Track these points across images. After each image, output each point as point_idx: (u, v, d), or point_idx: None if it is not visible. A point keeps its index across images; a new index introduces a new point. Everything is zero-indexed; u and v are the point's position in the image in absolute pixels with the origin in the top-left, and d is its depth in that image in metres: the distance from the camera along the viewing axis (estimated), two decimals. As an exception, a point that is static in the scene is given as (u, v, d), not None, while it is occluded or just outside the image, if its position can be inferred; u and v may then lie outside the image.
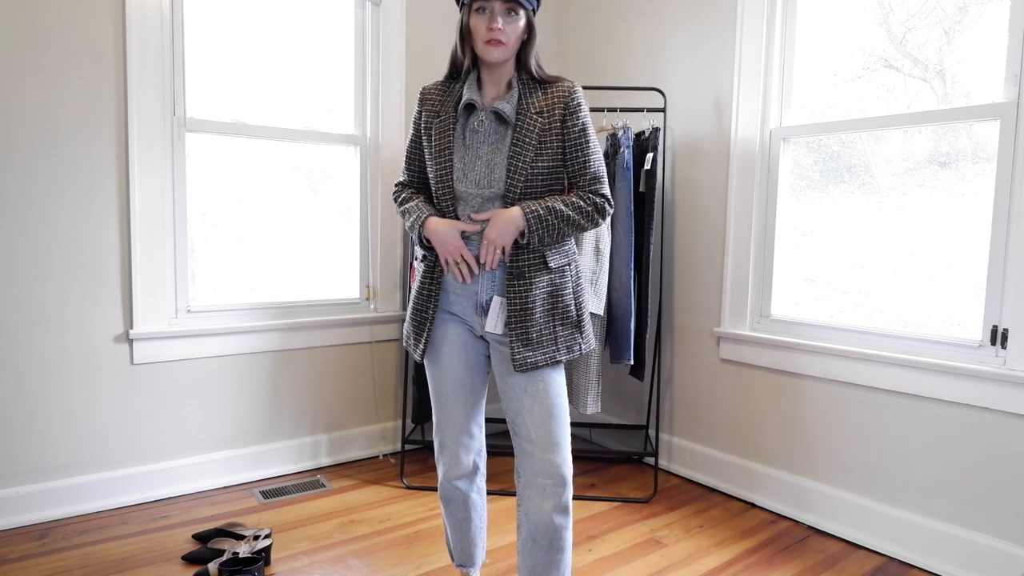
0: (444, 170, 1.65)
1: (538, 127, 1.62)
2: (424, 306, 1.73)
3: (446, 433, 1.80)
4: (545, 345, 1.65)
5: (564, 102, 1.64)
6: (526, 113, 1.64)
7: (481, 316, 1.69)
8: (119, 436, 2.61)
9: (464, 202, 1.65)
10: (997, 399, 2.11)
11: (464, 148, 1.65)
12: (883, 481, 2.39)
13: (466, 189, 1.64)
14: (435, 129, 1.68)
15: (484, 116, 1.65)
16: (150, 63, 2.55)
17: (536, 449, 1.65)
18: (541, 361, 1.64)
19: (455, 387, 1.76)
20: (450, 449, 1.81)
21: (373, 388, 3.23)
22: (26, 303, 2.40)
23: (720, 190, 2.89)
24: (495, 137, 1.64)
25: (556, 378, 1.68)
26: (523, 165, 1.61)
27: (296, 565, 2.22)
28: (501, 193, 1.63)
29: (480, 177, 1.64)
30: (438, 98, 1.71)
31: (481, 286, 1.67)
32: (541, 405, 1.65)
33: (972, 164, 2.25)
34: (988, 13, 2.19)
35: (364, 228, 3.17)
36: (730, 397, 2.88)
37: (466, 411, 1.79)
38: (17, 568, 2.15)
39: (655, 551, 2.36)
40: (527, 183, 1.63)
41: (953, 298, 2.29)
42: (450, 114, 1.67)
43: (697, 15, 2.95)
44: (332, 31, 3.05)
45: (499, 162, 1.63)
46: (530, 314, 1.63)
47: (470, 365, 1.76)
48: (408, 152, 1.80)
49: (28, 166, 2.37)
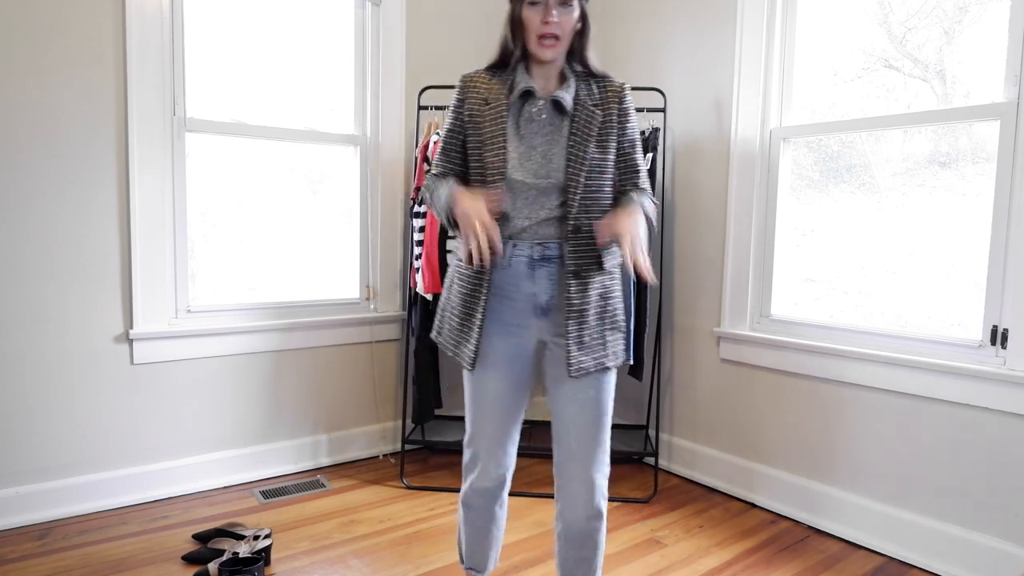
0: (497, 157, 1.56)
1: (596, 120, 1.58)
2: (471, 311, 1.61)
3: (479, 445, 1.72)
4: (595, 350, 1.59)
5: (618, 99, 1.61)
6: (583, 105, 1.58)
7: (540, 318, 1.61)
8: (119, 436, 2.61)
9: (516, 193, 1.57)
10: (997, 399, 2.11)
11: (518, 137, 1.57)
12: (883, 481, 2.39)
13: (522, 179, 1.56)
14: (485, 117, 1.59)
15: (542, 105, 1.58)
16: (150, 63, 2.55)
17: (574, 457, 1.62)
18: (592, 367, 1.58)
19: (495, 404, 1.67)
20: (481, 462, 1.72)
21: (373, 388, 3.23)
22: (26, 303, 2.40)
23: (720, 190, 2.89)
24: (551, 128, 1.58)
25: (606, 387, 1.63)
26: (584, 156, 1.55)
27: (296, 565, 2.22)
28: (560, 184, 1.56)
29: (537, 167, 1.56)
30: (484, 86, 1.62)
31: (539, 287, 1.59)
32: (585, 415, 1.61)
33: (972, 164, 2.25)
34: (988, 13, 2.19)
35: (364, 228, 3.17)
36: (730, 397, 2.88)
37: (504, 428, 1.69)
38: (17, 568, 2.15)
39: (655, 551, 2.36)
40: (588, 175, 1.56)
41: (953, 298, 2.29)
42: (501, 102, 1.58)
43: (697, 15, 2.95)
44: (332, 31, 3.05)
45: (557, 153, 1.56)
46: (585, 316, 1.58)
47: (514, 382, 1.66)
48: (445, 142, 1.67)
49: (28, 166, 2.37)
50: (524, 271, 1.58)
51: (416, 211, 2.88)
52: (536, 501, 2.73)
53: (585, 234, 1.57)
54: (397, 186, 3.19)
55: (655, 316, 3.06)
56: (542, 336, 1.63)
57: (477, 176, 1.60)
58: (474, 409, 1.70)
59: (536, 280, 1.58)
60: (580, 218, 1.57)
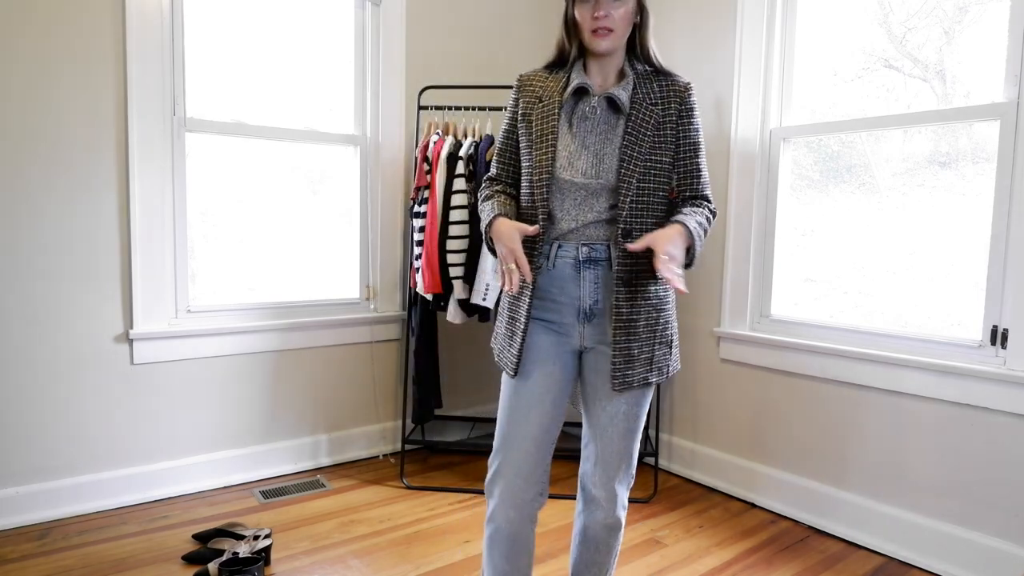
0: (545, 156, 1.50)
1: (654, 119, 1.50)
2: (515, 315, 1.56)
3: (508, 456, 1.55)
4: (642, 364, 1.52)
5: (680, 99, 1.53)
6: (641, 103, 1.51)
7: (584, 324, 1.54)
8: (119, 436, 2.61)
9: (564, 194, 1.50)
10: (997, 399, 2.11)
11: (570, 135, 1.51)
12: (883, 481, 2.39)
13: (571, 178, 1.49)
14: (536, 114, 1.55)
15: (596, 102, 1.51)
16: (150, 63, 2.55)
17: (600, 465, 1.58)
18: (636, 381, 1.51)
19: (533, 403, 1.54)
20: (507, 477, 1.55)
21: (373, 388, 3.23)
22: (26, 303, 2.40)
23: (720, 190, 2.89)
24: (605, 127, 1.51)
25: (643, 401, 1.57)
26: (638, 157, 1.48)
27: (296, 565, 2.22)
28: (611, 186, 1.49)
29: (587, 167, 1.49)
30: (540, 84, 1.58)
31: (584, 291, 1.51)
32: (616, 427, 1.56)
33: (972, 164, 2.25)
34: (988, 13, 2.19)
35: (364, 228, 3.17)
36: (730, 397, 2.88)
37: (540, 435, 1.55)
38: (17, 568, 2.15)
39: (655, 551, 2.36)
40: (641, 178, 1.49)
41: (953, 298, 2.29)
42: (555, 99, 1.53)
43: (697, 15, 2.95)
44: (332, 31, 3.05)
45: (609, 152, 1.49)
46: (634, 328, 1.50)
47: (556, 380, 1.56)
48: (501, 144, 1.65)
49: (28, 166, 2.37)
50: (570, 273, 1.52)
51: (416, 211, 2.88)
52: (536, 501, 2.73)
53: (637, 240, 1.48)
54: (397, 186, 3.19)
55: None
56: (586, 342, 1.56)
57: (527, 175, 1.55)
58: (508, 410, 1.57)
59: (582, 283, 1.52)
60: (632, 222, 1.49)
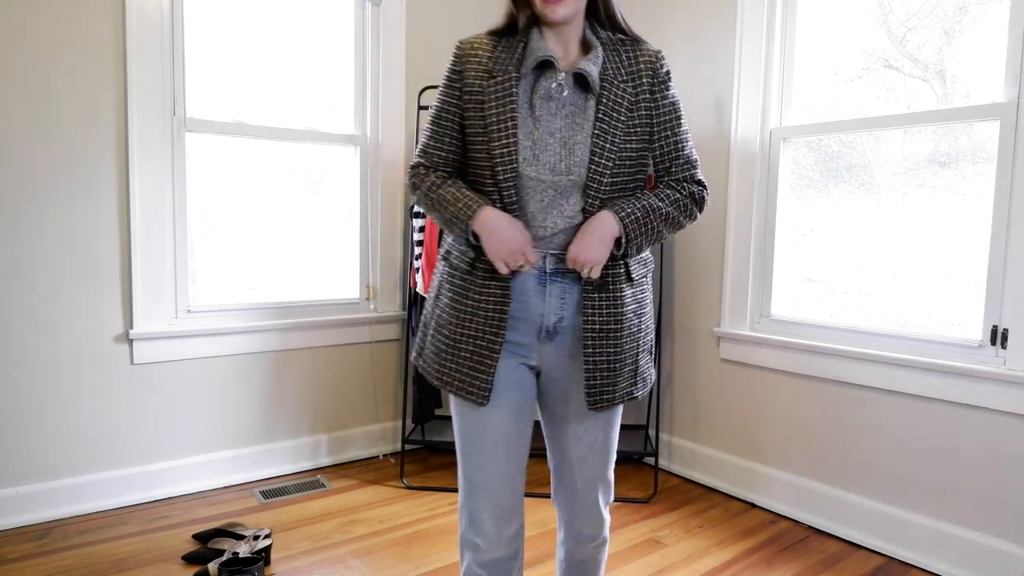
0: (507, 148, 1.24)
1: (627, 99, 1.27)
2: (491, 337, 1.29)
3: (480, 503, 1.35)
4: (625, 377, 1.33)
5: (653, 69, 1.31)
6: (612, 80, 1.27)
7: (545, 343, 1.33)
8: (119, 436, 2.61)
9: (528, 194, 1.26)
10: (997, 399, 2.11)
11: (532, 121, 1.25)
12: (883, 481, 2.39)
13: (536, 174, 1.24)
14: (490, 93, 1.26)
15: (563, 80, 1.26)
16: (150, 63, 2.55)
17: (580, 497, 1.41)
18: (618, 397, 1.32)
19: (499, 440, 1.33)
20: (485, 524, 1.36)
21: (373, 388, 3.23)
22: (26, 303, 2.40)
23: (720, 190, 2.89)
24: (573, 109, 1.26)
25: (616, 420, 1.40)
26: (612, 147, 1.25)
27: (296, 565, 2.22)
28: (582, 183, 1.26)
29: (556, 160, 1.24)
30: (489, 54, 1.29)
31: (549, 307, 1.29)
32: (595, 456, 1.38)
33: (972, 164, 2.25)
34: (988, 13, 2.19)
35: (364, 228, 3.17)
36: (730, 397, 2.88)
37: (511, 472, 1.36)
38: (17, 568, 2.15)
39: (655, 551, 2.36)
40: (615, 172, 1.27)
41: (953, 298, 2.29)
42: (511, 75, 1.26)
43: (697, 15, 2.95)
44: (332, 31, 3.05)
45: (580, 141, 1.25)
46: (612, 337, 1.30)
47: (520, 409, 1.35)
48: (435, 126, 1.34)
49: (28, 166, 2.37)
50: (533, 287, 1.29)
51: (416, 211, 2.88)
52: (536, 501, 2.73)
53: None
54: (397, 186, 3.19)
55: (655, 316, 3.06)
56: (543, 363, 1.36)
57: (481, 170, 1.29)
58: (472, 451, 1.36)
59: (547, 298, 1.29)
60: None
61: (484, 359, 1.29)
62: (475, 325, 1.29)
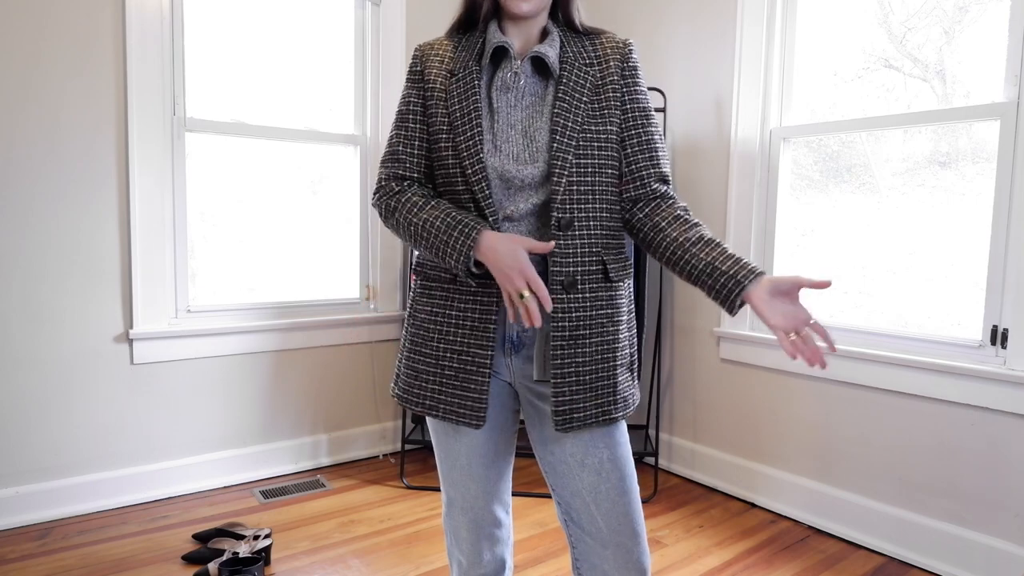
0: (472, 141, 1.17)
1: (590, 82, 1.20)
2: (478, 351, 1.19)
3: (459, 520, 1.32)
4: (599, 393, 1.19)
5: (622, 55, 1.23)
6: (573, 63, 1.21)
7: (510, 356, 1.22)
8: (119, 436, 2.61)
9: (504, 185, 1.18)
10: (997, 399, 2.11)
11: (491, 112, 1.20)
12: (883, 481, 2.39)
13: (501, 165, 1.17)
14: (453, 91, 1.21)
15: (519, 67, 1.21)
16: (150, 63, 2.55)
17: (608, 543, 1.21)
18: (590, 417, 1.18)
19: (473, 458, 1.27)
20: (467, 542, 1.32)
21: (373, 388, 3.23)
22: (26, 303, 2.40)
23: (720, 190, 2.89)
24: (532, 97, 1.21)
25: (620, 439, 1.23)
26: (574, 127, 1.17)
27: (296, 565, 2.22)
28: (544, 172, 1.17)
29: (518, 150, 1.18)
30: (449, 53, 1.24)
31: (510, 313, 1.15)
32: (608, 481, 1.20)
33: (972, 164, 2.25)
34: (988, 13, 2.19)
35: (364, 228, 3.17)
36: (730, 397, 2.88)
37: (489, 488, 1.29)
38: (17, 568, 2.15)
39: (655, 551, 2.36)
40: (579, 153, 1.17)
41: (953, 298, 2.29)
42: (471, 69, 1.21)
43: (697, 15, 2.95)
44: (332, 31, 3.05)
45: (541, 127, 1.18)
46: (581, 345, 1.17)
47: (494, 425, 1.27)
48: (400, 128, 1.25)
49: (28, 166, 2.37)
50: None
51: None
52: (536, 501, 2.73)
53: (580, 232, 1.18)
54: (397, 186, 3.19)
55: (655, 316, 3.06)
56: (515, 380, 1.25)
57: (449, 168, 1.21)
58: (447, 469, 1.30)
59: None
60: (571, 207, 1.17)
61: (472, 375, 1.19)
62: (459, 339, 1.20)
